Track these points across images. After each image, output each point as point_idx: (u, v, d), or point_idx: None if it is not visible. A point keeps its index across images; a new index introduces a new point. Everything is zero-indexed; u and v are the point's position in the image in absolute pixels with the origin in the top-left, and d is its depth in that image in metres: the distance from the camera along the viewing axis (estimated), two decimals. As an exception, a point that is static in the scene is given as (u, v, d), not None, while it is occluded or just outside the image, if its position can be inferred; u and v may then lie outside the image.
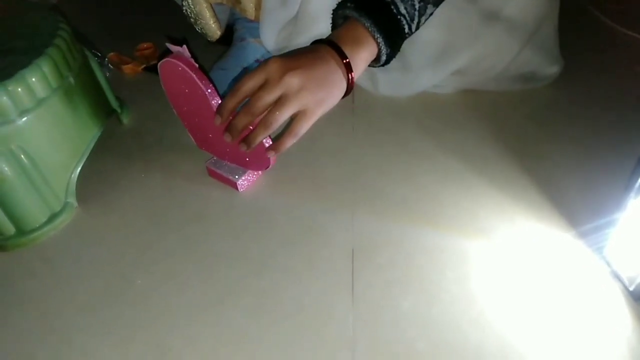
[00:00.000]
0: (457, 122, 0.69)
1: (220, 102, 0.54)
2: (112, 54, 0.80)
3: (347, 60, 0.52)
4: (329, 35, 0.55)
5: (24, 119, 0.50)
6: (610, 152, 0.63)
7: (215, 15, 0.71)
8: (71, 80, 0.55)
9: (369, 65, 0.57)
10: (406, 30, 0.55)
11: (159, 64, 0.55)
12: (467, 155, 0.64)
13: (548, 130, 0.68)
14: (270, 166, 0.57)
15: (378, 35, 0.53)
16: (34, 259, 0.53)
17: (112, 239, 0.54)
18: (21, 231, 0.53)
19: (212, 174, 0.61)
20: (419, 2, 0.55)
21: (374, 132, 0.67)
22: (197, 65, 0.53)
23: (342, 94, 0.54)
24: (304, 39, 0.72)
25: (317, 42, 0.54)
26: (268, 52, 0.75)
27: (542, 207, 0.56)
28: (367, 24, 0.53)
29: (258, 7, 0.71)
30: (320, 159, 0.63)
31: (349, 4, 0.55)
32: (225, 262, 0.51)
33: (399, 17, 0.54)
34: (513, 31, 0.66)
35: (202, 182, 0.60)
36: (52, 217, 0.55)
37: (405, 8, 0.54)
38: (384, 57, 0.56)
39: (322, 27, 0.70)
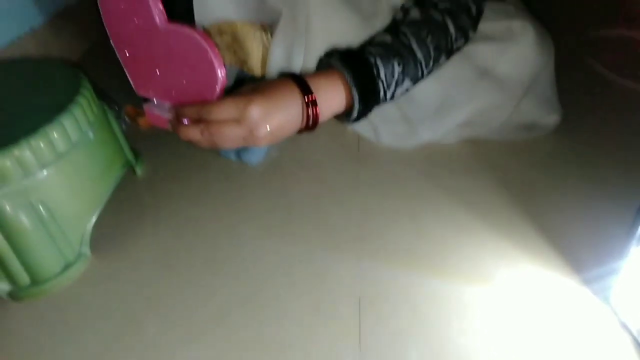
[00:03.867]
0: (461, 170, 0.71)
1: (166, 19, 0.50)
2: (129, 107, 0.84)
3: (314, 97, 0.54)
4: (310, 76, 0.56)
5: (45, 172, 0.52)
6: (612, 198, 0.64)
7: None
8: (90, 134, 0.58)
9: (338, 119, 0.61)
10: (381, 94, 0.59)
11: None
12: (472, 203, 0.65)
13: (551, 178, 0.69)
14: (217, 89, 0.52)
15: (355, 91, 0.56)
16: (47, 309, 0.53)
17: (125, 288, 0.55)
18: (35, 281, 0.55)
19: (150, 116, 0.57)
20: (399, 74, 0.59)
21: (379, 179, 0.69)
22: None
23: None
24: None
25: (296, 82, 0.55)
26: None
27: (548, 254, 0.57)
28: (348, 78, 0.56)
29: (264, 64, 0.75)
30: (326, 205, 0.65)
31: (335, 55, 0.58)
32: (234, 309, 0.52)
33: (377, 79, 0.57)
34: (508, 86, 0.68)
35: (211, 230, 0.62)
36: (66, 267, 0.56)
37: (385, 74, 0.58)
38: (355, 113, 0.58)
39: None
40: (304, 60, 0.70)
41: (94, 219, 0.59)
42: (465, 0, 0.64)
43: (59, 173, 0.54)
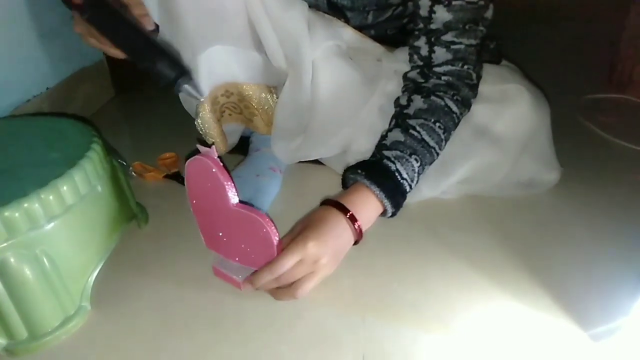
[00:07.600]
0: (464, 227, 0.72)
1: (238, 202, 0.58)
2: (136, 163, 0.86)
3: (352, 213, 0.59)
4: (344, 197, 0.62)
5: (52, 224, 0.53)
6: (614, 255, 0.64)
7: (222, 134, 0.78)
8: (99, 188, 0.59)
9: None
10: (408, 190, 0.64)
11: (187, 161, 0.59)
12: (477, 259, 0.65)
13: (553, 235, 0.69)
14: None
15: (386, 201, 0.62)
16: (43, 365, 0.52)
17: (123, 344, 0.54)
18: (33, 336, 0.54)
19: (217, 273, 0.62)
20: (418, 167, 0.64)
21: (384, 236, 0.69)
22: (222, 164, 0.57)
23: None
24: (312, 152, 0.78)
25: (334, 206, 0.61)
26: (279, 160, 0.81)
27: (554, 311, 0.56)
28: (376, 191, 0.61)
29: (269, 123, 0.78)
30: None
31: (359, 171, 0.63)
32: (234, 369, 0.51)
33: (402, 181, 0.63)
34: (505, 144, 0.70)
35: (214, 288, 0.61)
36: (66, 321, 0.55)
37: (407, 173, 0.63)
38: (389, 214, 0.64)
39: (327, 140, 0.76)
40: (309, 118, 0.73)
41: (96, 272, 0.59)
42: (466, 69, 0.68)
43: (65, 225, 0.54)
